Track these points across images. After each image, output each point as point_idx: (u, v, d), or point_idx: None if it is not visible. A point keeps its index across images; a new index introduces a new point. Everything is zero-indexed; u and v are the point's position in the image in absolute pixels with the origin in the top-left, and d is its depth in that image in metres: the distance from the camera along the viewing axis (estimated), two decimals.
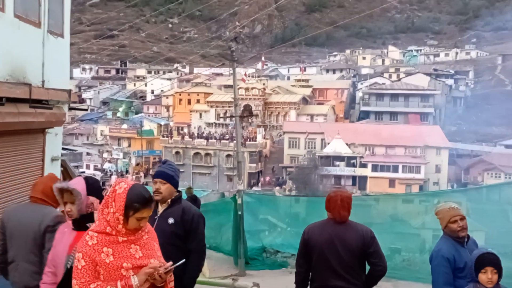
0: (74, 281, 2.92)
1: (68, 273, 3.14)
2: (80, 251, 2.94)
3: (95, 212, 3.41)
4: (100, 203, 2.82)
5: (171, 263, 3.04)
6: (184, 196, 15.48)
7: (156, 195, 4.25)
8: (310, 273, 4.48)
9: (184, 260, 3.54)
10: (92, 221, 3.35)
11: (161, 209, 4.33)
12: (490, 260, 3.87)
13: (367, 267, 4.48)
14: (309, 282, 4.53)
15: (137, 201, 2.95)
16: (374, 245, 4.33)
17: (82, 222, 3.43)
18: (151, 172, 70.13)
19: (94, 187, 3.59)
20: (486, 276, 3.83)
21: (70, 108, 9.91)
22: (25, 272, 4.07)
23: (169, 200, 4.33)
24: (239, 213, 13.00)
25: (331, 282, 4.28)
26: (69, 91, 8.68)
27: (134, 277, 2.91)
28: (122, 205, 2.93)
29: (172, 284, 3.14)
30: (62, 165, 9.48)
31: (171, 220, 4.25)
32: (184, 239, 4.29)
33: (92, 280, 2.90)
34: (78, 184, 3.45)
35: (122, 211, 2.93)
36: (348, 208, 4.37)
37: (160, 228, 3.96)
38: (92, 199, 3.50)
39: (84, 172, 56.72)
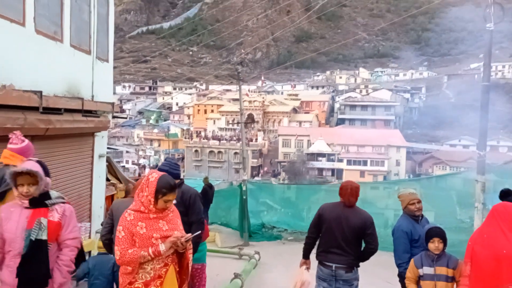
0: (116, 248, 2.96)
1: (33, 244, 2.96)
2: (121, 224, 2.99)
3: (50, 191, 3.20)
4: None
5: (190, 234, 3.06)
6: (200, 183, 15.48)
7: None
8: (318, 240, 4.46)
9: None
10: (49, 198, 3.15)
11: None
12: (436, 233, 3.87)
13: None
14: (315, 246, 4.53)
15: (165, 187, 2.99)
16: (371, 229, 4.31)
17: (39, 200, 3.10)
18: None
19: (46, 170, 3.36)
20: (434, 245, 3.83)
21: (113, 117, 9.89)
22: None
23: None
24: (244, 197, 12.97)
25: (332, 249, 4.29)
26: (112, 104, 8.67)
27: (162, 244, 2.95)
28: (153, 190, 2.97)
29: (191, 251, 3.16)
30: (107, 161, 9.47)
31: (174, 201, 4.07)
32: (186, 214, 4.17)
33: (130, 246, 2.94)
34: (36, 167, 3.07)
35: (153, 195, 2.97)
36: (356, 196, 4.38)
37: None
38: (48, 179, 3.24)
39: (124, 166, 56.63)
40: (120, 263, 2.97)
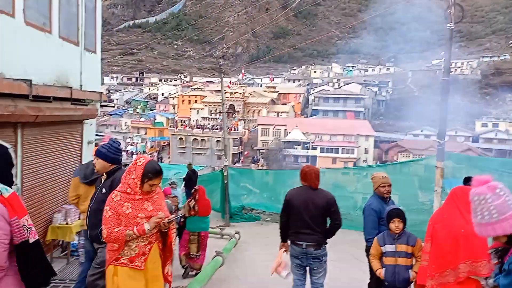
0: (103, 227, 2.92)
1: None
2: (108, 204, 2.96)
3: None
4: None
5: (173, 216, 3.04)
6: (184, 169, 15.33)
7: (95, 168, 3.83)
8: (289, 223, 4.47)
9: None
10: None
11: (102, 180, 3.78)
12: (397, 213, 3.96)
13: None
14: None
15: (151, 172, 2.96)
16: (335, 206, 4.37)
17: None
18: (161, 152, 69.71)
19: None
20: (394, 224, 3.92)
21: (101, 105, 9.68)
22: None
23: (104, 173, 3.73)
24: (225, 182, 12.98)
25: (302, 229, 4.32)
26: (100, 93, 8.47)
27: (146, 223, 2.93)
28: (140, 174, 2.94)
29: (174, 231, 3.15)
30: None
31: (103, 190, 3.63)
32: None
33: (116, 225, 2.92)
34: None
35: (139, 178, 2.94)
36: (318, 179, 4.44)
37: (97, 196, 3.60)
38: None
39: None
40: (107, 240, 2.95)
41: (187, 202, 6.89)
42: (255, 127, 68.63)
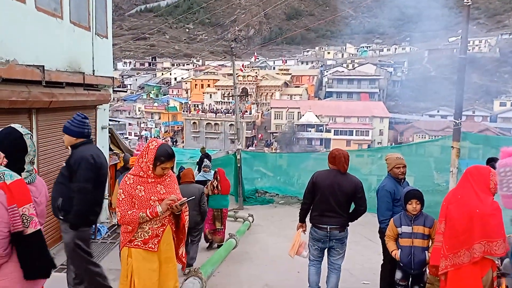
0: (117, 209, 2.96)
1: None
2: (121, 188, 2.99)
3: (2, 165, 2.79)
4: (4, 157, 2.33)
5: (185, 198, 3.06)
6: (197, 153, 15.38)
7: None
8: (312, 206, 4.47)
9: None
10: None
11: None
12: (414, 194, 3.91)
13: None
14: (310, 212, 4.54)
15: (163, 155, 2.97)
16: (362, 193, 4.36)
17: None
18: (175, 136, 70.21)
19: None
20: (412, 206, 3.88)
21: (114, 90, 9.73)
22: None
23: (69, 148, 3.69)
24: (238, 165, 13.01)
25: (327, 212, 4.31)
26: (112, 78, 8.51)
27: (159, 206, 2.95)
28: (152, 158, 2.96)
29: (187, 213, 3.17)
30: (110, 132, 9.38)
31: (64, 164, 3.64)
32: (70, 179, 3.57)
33: (130, 208, 2.95)
34: None
35: (152, 162, 2.96)
36: (348, 163, 4.40)
37: (61, 170, 3.64)
38: (1, 153, 2.89)
39: (127, 138, 56.42)
40: (121, 222, 2.99)
41: (210, 183, 7.52)
42: (268, 110, 68.39)
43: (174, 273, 3.14)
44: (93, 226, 3.31)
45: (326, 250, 4.51)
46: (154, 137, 64.70)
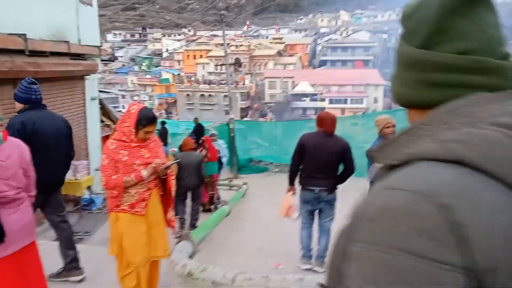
0: (101, 174, 2.94)
1: None
2: (105, 153, 2.96)
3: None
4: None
5: (171, 162, 3.04)
6: (192, 125, 15.34)
7: None
8: (301, 168, 4.47)
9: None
10: None
11: None
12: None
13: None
14: (298, 174, 4.54)
15: (145, 119, 2.93)
16: (349, 153, 4.36)
17: None
18: (169, 108, 69.72)
19: None
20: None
21: (102, 60, 9.53)
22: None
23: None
24: (232, 135, 13.00)
25: (315, 174, 4.33)
26: (99, 47, 8.33)
27: (144, 170, 2.93)
28: (134, 122, 2.91)
29: (174, 177, 3.16)
30: (100, 103, 9.27)
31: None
32: None
33: (114, 173, 2.93)
34: None
35: (134, 126, 2.92)
36: (335, 125, 4.40)
37: None
38: None
39: (120, 111, 55.98)
40: (106, 188, 2.98)
41: (200, 151, 7.54)
42: (262, 80, 67.81)
43: (163, 236, 3.16)
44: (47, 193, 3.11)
45: (317, 213, 4.55)
46: None
